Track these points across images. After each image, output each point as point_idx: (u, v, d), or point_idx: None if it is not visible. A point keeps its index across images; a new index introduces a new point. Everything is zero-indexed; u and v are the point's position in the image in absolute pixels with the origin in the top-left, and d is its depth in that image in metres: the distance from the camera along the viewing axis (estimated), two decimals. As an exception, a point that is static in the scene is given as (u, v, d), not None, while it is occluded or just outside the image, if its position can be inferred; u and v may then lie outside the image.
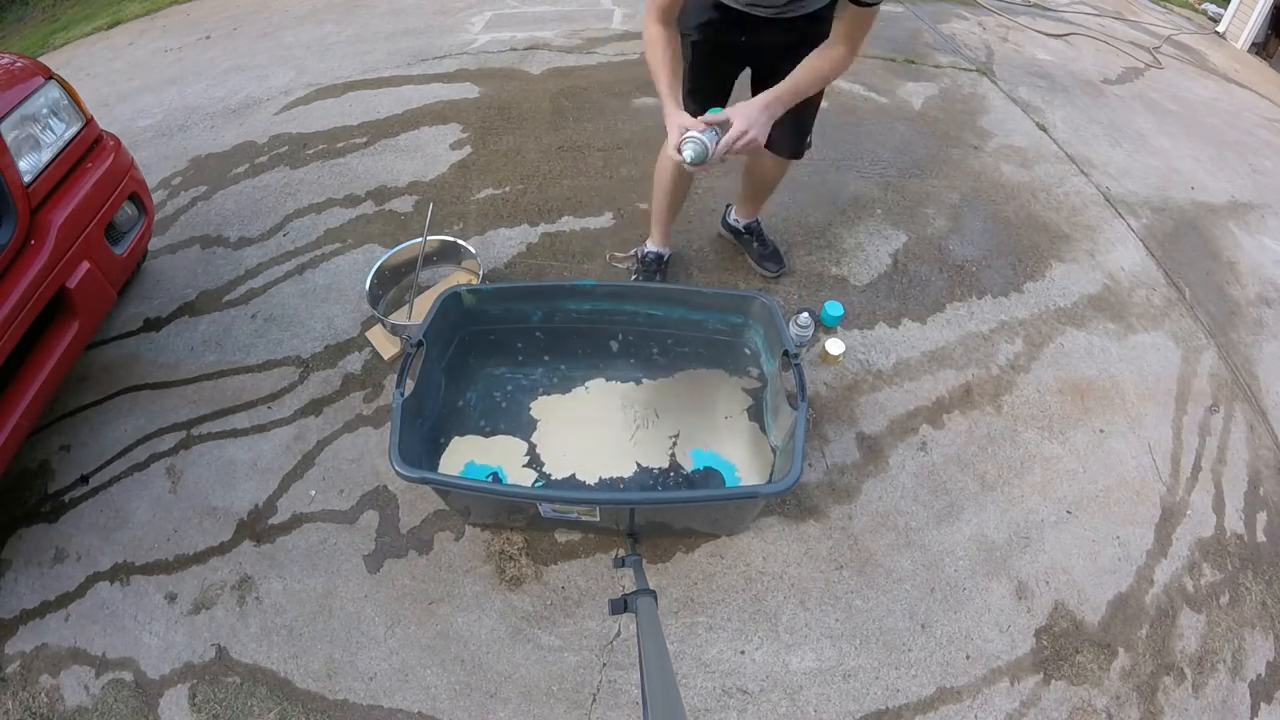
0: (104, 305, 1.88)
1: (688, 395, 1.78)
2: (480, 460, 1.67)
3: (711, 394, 1.78)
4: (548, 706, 1.40)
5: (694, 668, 1.44)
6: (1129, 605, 1.57)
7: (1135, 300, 2.30)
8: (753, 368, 1.75)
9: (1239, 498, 1.80)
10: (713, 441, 1.70)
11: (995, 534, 1.66)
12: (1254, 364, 2.16)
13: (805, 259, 2.33)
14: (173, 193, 2.77)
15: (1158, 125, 3.40)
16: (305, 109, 3.26)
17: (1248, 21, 4.78)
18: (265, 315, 2.20)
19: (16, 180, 1.62)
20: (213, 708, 1.43)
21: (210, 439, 1.88)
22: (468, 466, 1.65)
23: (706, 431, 1.73)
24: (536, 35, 3.87)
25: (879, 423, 1.86)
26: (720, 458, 1.67)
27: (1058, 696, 1.43)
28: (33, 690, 1.49)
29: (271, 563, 1.63)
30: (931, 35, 4.04)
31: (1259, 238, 2.69)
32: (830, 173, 2.74)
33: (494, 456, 1.68)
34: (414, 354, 1.48)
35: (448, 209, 2.54)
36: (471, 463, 1.66)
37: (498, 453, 1.69)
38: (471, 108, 3.14)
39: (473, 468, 1.65)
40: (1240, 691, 1.48)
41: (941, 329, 2.12)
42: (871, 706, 1.40)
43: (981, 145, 2.97)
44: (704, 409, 1.76)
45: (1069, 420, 1.91)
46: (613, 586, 1.55)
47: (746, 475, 1.63)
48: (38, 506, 1.79)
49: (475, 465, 1.66)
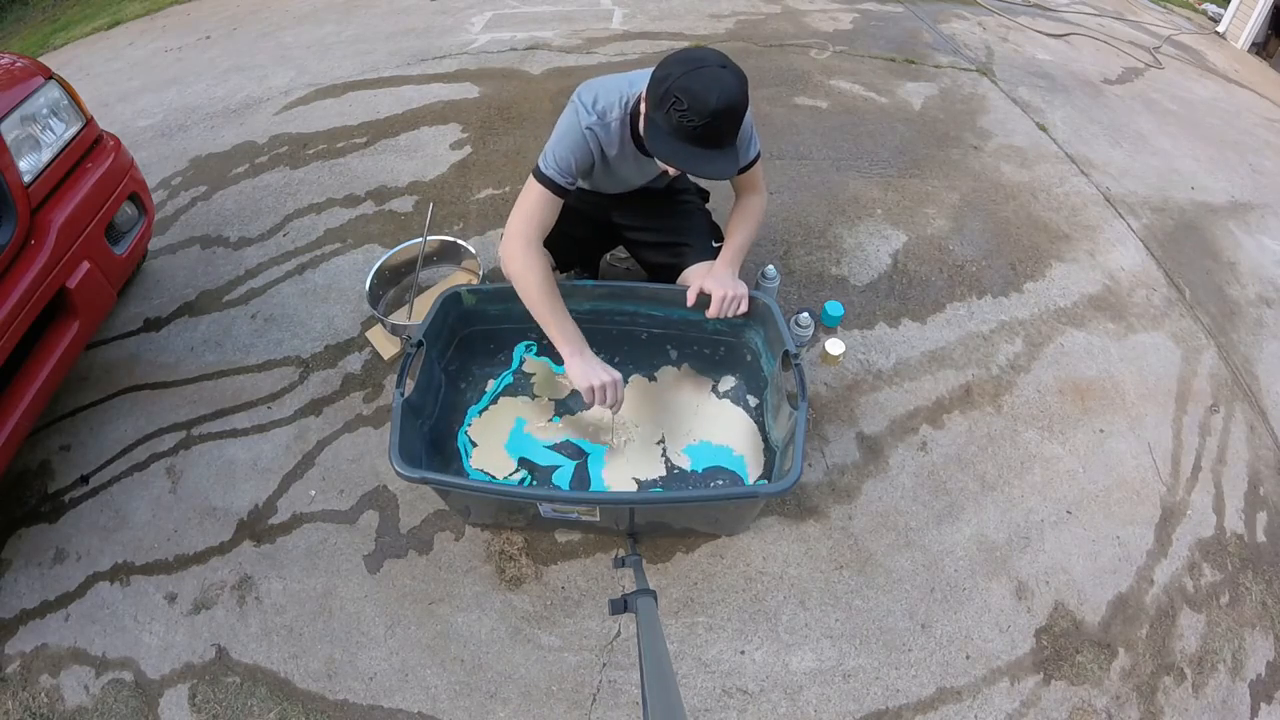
0: (104, 305, 1.89)
1: (662, 395, 1.77)
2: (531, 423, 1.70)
3: (684, 387, 1.77)
4: (548, 706, 1.40)
5: (694, 668, 1.44)
6: (1129, 605, 1.57)
7: (1135, 300, 2.30)
8: (751, 367, 1.75)
9: (1239, 498, 1.80)
10: (699, 431, 1.68)
11: (995, 534, 1.66)
12: (1254, 364, 2.16)
13: (805, 259, 2.33)
14: (173, 193, 2.77)
15: (1158, 125, 3.40)
16: (305, 109, 3.26)
17: (1248, 21, 4.78)
18: (265, 315, 2.20)
19: (16, 180, 1.62)
20: (213, 708, 1.43)
21: (210, 439, 1.88)
22: (517, 422, 1.68)
23: (690, 423, 1.70)
24: (536, 35, 3.87)
25: (879, 423, 1.86)
26: (711, 444, 1.65)
27: (1058, 696, 1.43)
28: (33, 690, 1.49)
29: (271, 563, 1.63)
30: (931, 35, 4.04)
31: (1259, 238, 2.69)
32: (830, 173, 2.74)
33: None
34: (414, 354, 1.48)
35: (448, 209, 2.54)
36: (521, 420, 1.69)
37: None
38: (472, 108, 3.14)
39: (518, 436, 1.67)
40: (1240, 691, 1.48)
41: (941, 329, 2.12)
42: (871, 706, 1.40)
43: (981, 145, 2.97)
44: (680, 404, 1.74)
45: (1069, 420, 1.91)
46: (613, 586, 1.55)
47: (745, 454, 1.62)
48: (38, 506, 1.79)
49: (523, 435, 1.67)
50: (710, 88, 1.18)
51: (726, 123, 1.22)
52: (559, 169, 1.42)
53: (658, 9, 4.24)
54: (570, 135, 1.42)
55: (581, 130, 1.42)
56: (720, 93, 1.18)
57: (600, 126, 1.42)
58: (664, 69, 1.24)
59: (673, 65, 1.22)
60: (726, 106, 1.19)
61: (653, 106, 1.26)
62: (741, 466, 1.60)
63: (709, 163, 1.26)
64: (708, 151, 1.25)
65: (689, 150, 1.24)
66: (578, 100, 1.44)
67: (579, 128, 1.42)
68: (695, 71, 1.19)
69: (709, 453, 1.64)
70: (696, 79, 1.18)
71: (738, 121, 1.24)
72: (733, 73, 1.21)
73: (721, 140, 1.25)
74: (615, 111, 1.42)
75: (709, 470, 1.61)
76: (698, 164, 1.27)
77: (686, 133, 1.22)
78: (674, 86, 1.19)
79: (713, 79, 1.19)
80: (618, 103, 1.42)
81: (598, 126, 1.42)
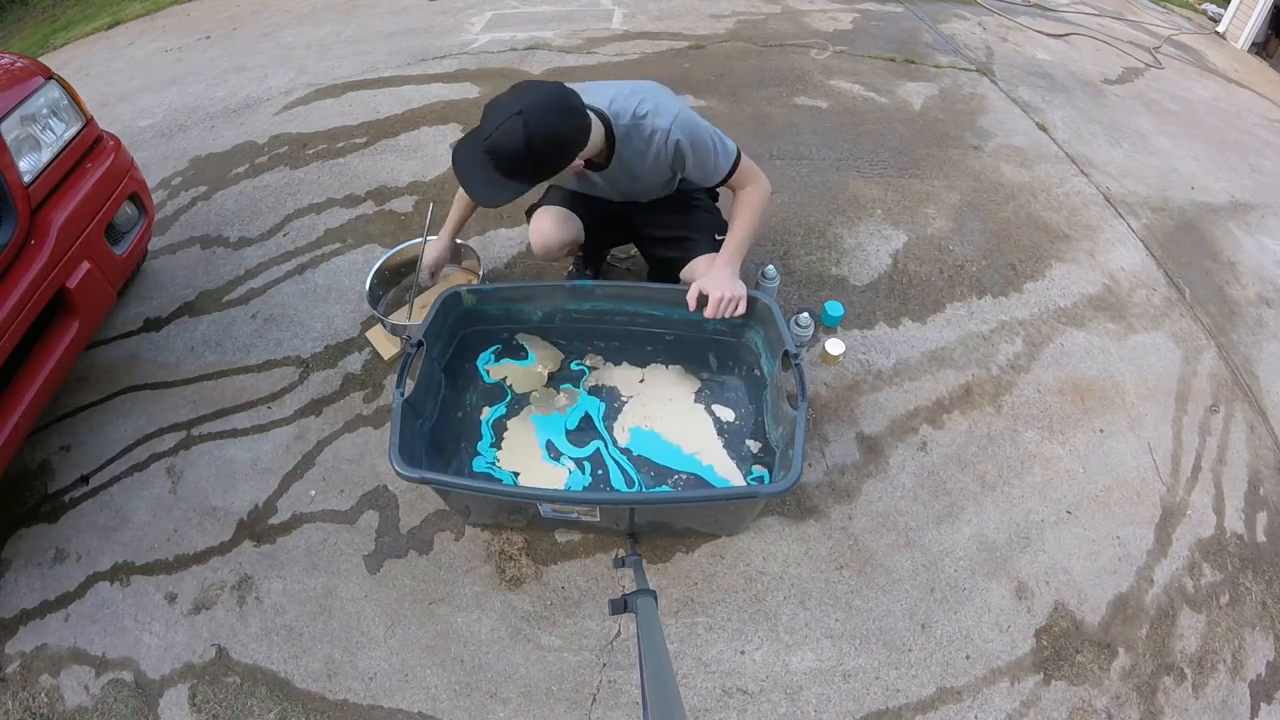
0: (104, 305, 1.89)
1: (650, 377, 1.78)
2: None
3: (670, 380, 1.78)
4: (548, 706, 1.40)
5: (694, 668, 1.44)
6: (1129, 605, 1.57)
7: (1135, 300, 2.30)
8: (752, 368, 1.75)
9: (1239, 498, 1.80)
10: (654, 420, 1.69)
11: (995, 534, 1.66)
12: (1254, 364, 2.16)
13: (805, 259, 2.33)
14: (173, 193, 2.78)
15: (1158, 125, 3.40)
16: (305, 109, 3.26)
17: (1248, 21, 4.78)
18: (265, 315, 2.20)
19: (16, 180, 1.62)
20: (213, 708, 1.43)
21: (210, 439, 1.88)
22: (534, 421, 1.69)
23: (657, 410, 1.71)
24: (536, 35, 3.87)
25: (879, 423, 1.86)
26: (660, 437, 1.65)
27: (1058, 696, 1.43)
28: (33, 690, 1.49)
29: (271, 563, 1.63)
30: (931, 35, 4.04)
31: (1259, 238, 2.68)
32: (830, 173, 2.74)
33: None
34: (414, 354, 1.48)
35: (448, 209, 2.52)
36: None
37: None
38: (472, 108, 3.14)
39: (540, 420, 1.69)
40: (1240, 691, 1.48)
41: (941, 329, 2.12)
42: (871, 706, 1.40)
43: (981, 145, 2.97)
44: (659, 392, 1.76)
45: (1069, 420, 1.91)
46: (613, 586, 1.55)
47: (698, 453, 1.62)
48: (38, 506, 1.79)
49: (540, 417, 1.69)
50: (492, 121, 1.26)
51: (502, 162, 1.28)
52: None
53: (658, 9, 4.25)
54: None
55: None
56: (501, 135, 1.25)
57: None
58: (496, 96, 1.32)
59: (499, 94, 1.31)
60: (497, 146, 1.26)
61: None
62: (694, 466, 1.60)
63: (488, 187, 1.31)
64: (487, 175, 1.30)
65: (481, 169, 1.30)
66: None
67: None
68: (493, 104, 1.29)
69: (655, 444, 1.64)
70: (492, 110, 1.28)
71: (512, 164, 1.28)
72: (526, 122, 1.24)
73: (501, 170, 1.29)
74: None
75: (639, 458, 1.61)
76: (470, 183, 1.33)
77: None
78: (486, 105, 1.30)
79: (499, 113, 1.26)
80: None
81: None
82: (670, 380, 1.77)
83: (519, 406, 1.71)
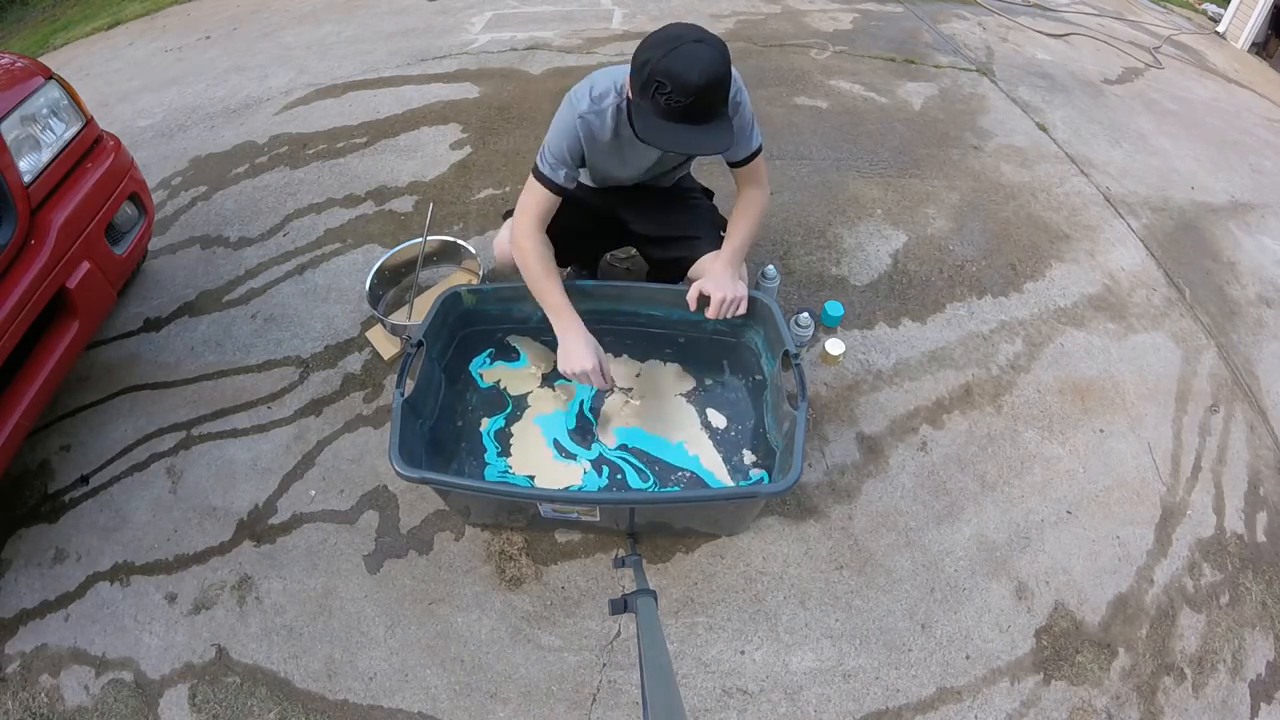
0: (104, 305, 1.89)
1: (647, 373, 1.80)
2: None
3: (667, 379, 1.79)
4: (548, 706, 1.40)
5: (694, 668, 1.44)
6: (1129, 605, 1.57)
7: (1135, 300, 2.30)
8: (752, 368, 1.74)
9: (1239, 498, 1.80)
10: (652, 422, 1.70)
11: (995, 534, 1.66)
12: (1254, 364, 2.16)
13: (805, 259, 2.33)
14: (173, 193, 2.77)
15: (1158, 125, 3.40)
16: (305, 109, 3.26)
17: (1248, 21, 4.78)
18: (265, 315, 2.20)
19: (16, 180, 1.62)
20: (213, 708, 1.43)
21: (210, 439, 1.88)
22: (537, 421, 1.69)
23: (653, 411, 1.73)
24: (536, 35, 3.87)
25: (879, 423, 1.86)
26: (644, 433, 1.67)
27: (1058, 696, 1.43)
28: (33, 690, 1.49)
29: (271, 563, 1.63)
30: (931, 35, 4.05)
31: (1259, 238, 2.68)
32: (830, 173, 2.74)
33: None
34: (414, 354, 1.48)
35: (448, 209, 2.54)
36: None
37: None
38: (472, 108, 3.14)
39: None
40: (1240, 691, 1.48)
41: (941, 329, 2.12)
42: (871, 706, 1.40)
43: (981, 145, 2.97)
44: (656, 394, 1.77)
45: (1069, 420, 1.91)
46: (613, 586, 1.55)
47: (683, 441, 1.64)
48: (38, 506, 1.79)
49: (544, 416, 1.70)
50: (691, 65, 1.18)
51: (713, 95, 1.22)
52: (553, 166, 1.44)
53: (658, 9, 4.25)
54: (562, 126, 1.44)
55: (574, 120, 1.43)
56: (701, 68, 1.18)
57: (594, 113, 1.42)
58: (642, 54, 1.24)
59: (650, 49, 1.22)
60: (710, 81, 1.19)
61: (638, 93, 1.27)
62: (680, 457, 1.61)
63: (704, 137, 1.26)
64: (700, 127, 1.25)
65: (681, 130, 1.25)
66: (574, 90, 1.45)
67: (572, 117, 1.43)
68: (673, 52, 1.19)
69: (642, 438, 1.65)
70: (675, 59, 1.19)
71: (724, 92, 1.25)
72: (710, 45, 1.21)
73: (711, 114, 1.25)
74: (610, 97, 1.42)
75: (634, 449, 1.63)
76: (692, 142, 1.27)
77: (676, 113, 1.22)
78: (655, 70, 1.20)
79: (691, 56, 1.19)
80: (613, 88, 1.43)
81: (590, 114, 1.42)
82: (665, 376, 1.77)
83: (519, 412, 1.71)
